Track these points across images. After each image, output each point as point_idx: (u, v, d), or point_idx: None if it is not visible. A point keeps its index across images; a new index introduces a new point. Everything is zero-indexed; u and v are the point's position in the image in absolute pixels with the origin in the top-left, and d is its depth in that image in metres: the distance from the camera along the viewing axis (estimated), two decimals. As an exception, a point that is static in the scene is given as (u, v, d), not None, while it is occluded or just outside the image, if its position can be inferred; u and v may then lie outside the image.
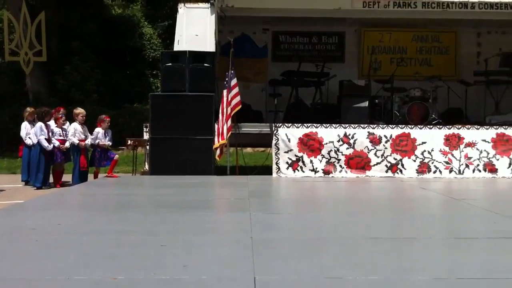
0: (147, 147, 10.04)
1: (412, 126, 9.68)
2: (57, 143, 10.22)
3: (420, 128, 9.65)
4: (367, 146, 9.44)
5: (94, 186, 8.81)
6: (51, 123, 10.48)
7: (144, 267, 3.40)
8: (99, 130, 10.44)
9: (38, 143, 10.15)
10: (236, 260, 3.66)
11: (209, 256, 3.76)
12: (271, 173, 9.46)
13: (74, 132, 10.29)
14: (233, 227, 5.07)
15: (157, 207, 6.15)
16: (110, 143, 10.61)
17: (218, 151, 9.37)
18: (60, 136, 10.35)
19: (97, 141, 10.36)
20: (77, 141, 10.20)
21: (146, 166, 10.25)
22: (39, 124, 10.21)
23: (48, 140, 10.14)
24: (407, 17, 11.34)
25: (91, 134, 10.47)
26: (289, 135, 9.45)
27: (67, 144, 10.32)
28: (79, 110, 10.62)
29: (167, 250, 3.91)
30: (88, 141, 10.36)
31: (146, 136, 10.27)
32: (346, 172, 9.39)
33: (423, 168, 9.42)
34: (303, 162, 9.41)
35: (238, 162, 10.12)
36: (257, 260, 3.55)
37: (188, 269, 3.39)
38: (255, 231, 4.55)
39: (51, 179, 10.49)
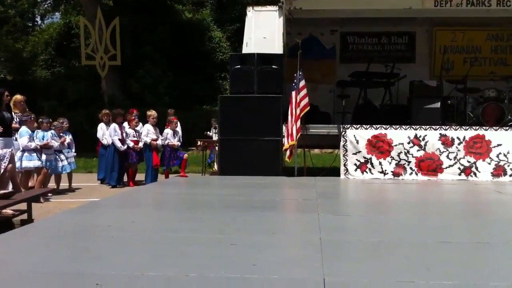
0: (216, 148, 10.21)
1: (487, 128, 9.33)
2: (131, 144, 10.60)
3: (495, 130, 9.29)
4: (439, 148, 9.18)
5: (166, 185, 9.04)
6: (125, 124, 10.89)
7: (215, 265, 3.46)
8: (168, 131, 10.75)
9: (112, 143, 10.56)
10: (305, 260, 3.66)
11: (278, 256, 3.78)
12: (339, 175, 9.39)
13: (147, 132, 10.66)
14: (302, 228, 5.06)
15: (226, 206, 6.22)
16: (179, 143, 10.90)
17: (288, 152, 9.39)
18: (133, 137, 10.73)
19: (166, 142, 10.67)
20: (150, 140, 10.55)
21: (215, 167, 10.42)
22: (113, 125, 10.64)
23: (122, 141, 10.53)
24: (481, 16, 10.93)
25: (162, 135, 10.80)
26: (357, 136, 9.35)
27: (140, 145, 10.69)
28: (151, 112, 10.99)
29: (237, 249, 3.95)
30: (159, 142, 10.70)
31: (215, 137, 10.46)
32: (416, 174, 9.18)
33: (499, 171, 9.07)
34: (371, 164, 9.28)
35: (305, 163, 10.10)
36: (326, 262, 3.54)
37: (257, 268, 3.41)
38: (323, 232, 4.53)
39: (125, 178, 10.89)
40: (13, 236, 4.52)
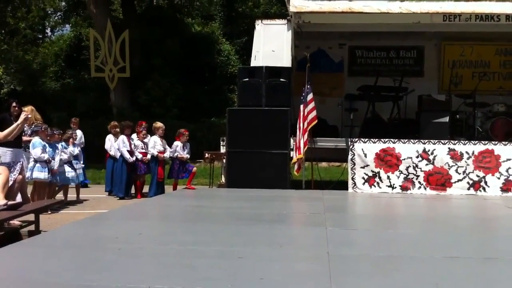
0: (224, 160, 10.21)
1: (496, 143, 9.29)
2: (140, 156, 10.62)
3: (505, 145, 9.24)
4: (447, 163, 9.14)
5: (173, 197, 9.04)
6: (133, 136, 10.92)
7: (221, 278, 3.45)
8: (177, 144, 10.76)
9: (121, 155, 10.59)
10: (312, 275, 3.64)
11: (285, 270, 3.76)
12: (346, 188, 9.36)
13: (154, 144, 10.68)
14: (309, 241, 5.04)
15: (234, 219, 6.21)
16: (188, 156, 10.90)
17: (296, 166, 9.38)
18: (142, 149, 10.75)
19: (175, 154, 10.68)
20: (156, 153, 10.57)
21: (223, 179, 10.42)
22: (121, 137, 10.68)
23: (131, 153, 10.56)
24: (490, 31, 10.92)
25: (170, 147, 10.81)
26: (365, 150, 9.32)
27: (148, 156, 10.71)
28: (159, 124, 11.01)
29: (244, 262, 3.94)
30: (167, 154, 10.72)
31: (223, 149, 10.46)
32: (425, 188, 9.13)
33: (508, 185, 9.00)
34: (380, 177, 9.25)
35: (313, 176, 10.08)
36: (334, 276, 3.52)
37: (264, 282, 3.40)
38: (331, 246, 4.51)
39: (133, 190, 10.90)
40: (21, 247, 4.53)
